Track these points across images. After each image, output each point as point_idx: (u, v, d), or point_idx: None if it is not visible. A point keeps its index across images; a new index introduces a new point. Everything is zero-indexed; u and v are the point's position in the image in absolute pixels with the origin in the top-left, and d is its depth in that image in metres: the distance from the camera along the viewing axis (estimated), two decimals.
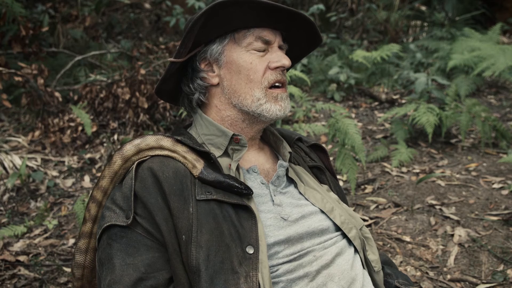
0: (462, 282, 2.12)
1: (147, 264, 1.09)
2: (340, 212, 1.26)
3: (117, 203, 1.15)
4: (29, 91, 3.81)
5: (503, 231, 2.42)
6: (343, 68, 4.62)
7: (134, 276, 1.08)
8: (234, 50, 1.25)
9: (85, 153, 3.58)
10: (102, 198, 1.21)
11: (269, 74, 1.24)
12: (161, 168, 1.15)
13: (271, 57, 1.25)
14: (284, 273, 1.12)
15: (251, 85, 1.23)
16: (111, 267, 1.10)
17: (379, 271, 1.28)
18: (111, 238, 1.12)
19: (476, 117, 3.39)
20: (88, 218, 1.22)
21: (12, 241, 2.62)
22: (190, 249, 1.08)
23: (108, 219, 1.13)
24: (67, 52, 4.80)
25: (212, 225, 1.11)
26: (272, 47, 1.26)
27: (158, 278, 1.09)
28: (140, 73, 3.79)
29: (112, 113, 3.84)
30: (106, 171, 1.20)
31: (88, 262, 1.24)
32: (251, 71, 1.23)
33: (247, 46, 1.24)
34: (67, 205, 2.99)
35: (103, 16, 6.50)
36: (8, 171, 3.23)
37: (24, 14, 4.03)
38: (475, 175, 3.03)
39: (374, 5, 6.14)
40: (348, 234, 1.24)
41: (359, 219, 1.30)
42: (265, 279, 1.08)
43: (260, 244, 1.11)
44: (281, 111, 1.24)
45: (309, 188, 1.29)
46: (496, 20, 5.93)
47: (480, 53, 4.31)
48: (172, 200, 1.11)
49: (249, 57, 1.23)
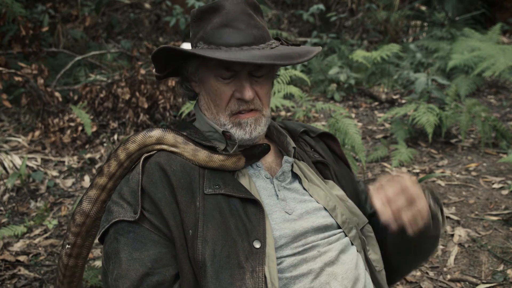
0: (462, 282, 2.12)
1: (154, 259, 1.09)
2: (342, 211, 1.25)
3: (124, 198, 1.14)
4: (29, 91, 3.81)
5: (503, 231, 2.42)
6: (343, 68, 4.62)
7: (141, 271, 1.08)
8: (205, 71, 1.22)
9: (85, 153, 3.58)
10: (125, 160, 1.20)
11: (233, 104, 1.20)
12: (169, 162, 1.15)
13: (236, 87, 1.18)
14: (288, 267, 1.12)
15: (217, 109, 1.22)
16: (118, 261, 1.10)
17: (380, 270, 1.27)
18: (118, 233, 1.12)
19: (476, 117, 3.39)
20: (106, 173, 1.20)
21: (12, 241, 2.62)
22: (196, 244, 1.08)
23: (116, 215, 1.13)
24: (67, 52, 4.80)
25: (218, 219, 1.10)
26: (240, 74, 1.17)
27: (164, 274, 1.09)
28: (140, 73, 3.79)
29: (112, 113, 3.84)
30: (140, 137, 1.19)
31: (93, 213, 1.23)
32: (217, 97, 1.21)
33: (214, 71, 1.19)
34: (67, 205, 2.99)
35: (103, 16, 6.50)
36: (8, 171, 3.23)
37: (24, 14, 4.03)
38: (475, 175, 3.03)
39: (374, 5, 6.14)
40: (348, 234, 1.23)
41: (362, 217, 1.29)
42: (273, 273, 1.08)
43: (267, 237, 1.10)
44: (247, 135, 1.21)
45: (312, 184, 1.28)
46: (496, 20, 5.93)
47: (480, 53, 4.30)
48: (179, 194, 1.11)
49: (215, 83, 1.20)
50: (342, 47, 5.28)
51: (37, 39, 4.44)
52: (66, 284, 1.32)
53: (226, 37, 1.15)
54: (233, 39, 1.14)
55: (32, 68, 3.72)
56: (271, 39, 1.22)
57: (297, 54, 1.14)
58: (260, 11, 1.24)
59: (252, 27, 1.16)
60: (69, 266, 1.28)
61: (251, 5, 1.20)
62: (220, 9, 1.18)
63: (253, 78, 1.19)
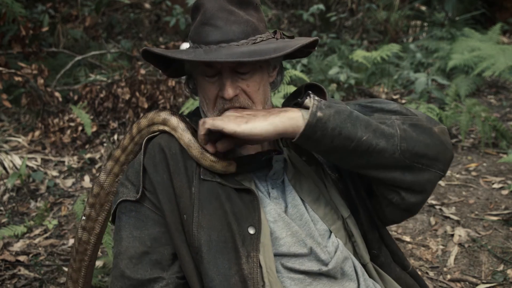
0: (462, 282, 2.12)
1: (153, 238, 1.12)
2: (325, 203, 1.23)
3: (129, 179, 1.18)
4: (29, 91, 3.81)
5: (503, 231, 2.42)
6: (343, 68, 4.61)
7: (140, 249, 1.12)
8: (195, 70, 1.22)
9: (85, 153, 3.58)
10: (136, 134, 1.23)
11: (219, 102, 1.18)
12: (169, 144, 1.17)
13: (220, 85, 1.16)
14: None
15: (208, 108, 1.21)
16: (119, 239, 1.15)
17: (366, 263, 1.25)
18: (121, 212, 1.17)
19: (476, 117, 3.39)
20: (121, 145, 1.26)
21: (12, 241, 2.62)
22: (192, 229, 1.10)
23: (121, 195, 1.17)
24: (67, 52, 4.80)
25: (214, 205, 1.12)
26: (223, 72, 1.15)
27: (163, 252, 1.12)
28: (140, 73, 3.79)
29: (112, 113, 3.84)
30: (151, 114, 1.22)
31: (107, 185, 1.27)
32: (206, 97, 1.20)
33: (200, 70, 1.19)
34: (67, 205, 2.99)
35: (103, 16, 6.49)
36: (8, 171, 3.22)
37: (24, 14, 4.02)
38: (475, 175, 3.03)
39: (374, 5, 6.14)
40: (330, 227, 1.21)
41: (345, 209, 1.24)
42: (269, 262, 1.10)
43: (262, 227, 1.11)
44: None
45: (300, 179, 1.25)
46: (496, 20, 5.92)
47: (480, 53, 4.30)
48: (175, 178, 1.13)
49: (203, 82, 1.19)
50: (342, 47, 5.28)
51: (37, 39, 4.44)
52: (78, 261, 1.34)
53: (205, 36, 1.14)
54: (211, 37, 1.13)
55: (32, 68, 3.72)
56: (262, 33, 1.18)
57: (273, 49, 1.10)
58: (250, 4, 1.20)
59: (231, 24, 1.14)
60: (82, 241, 1.31)
61: (233, 0, 1.17)
62: (200, 7, 1.18)
63: (238, 75, 1.16)
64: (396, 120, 1.13)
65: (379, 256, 1.28)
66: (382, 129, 1.09)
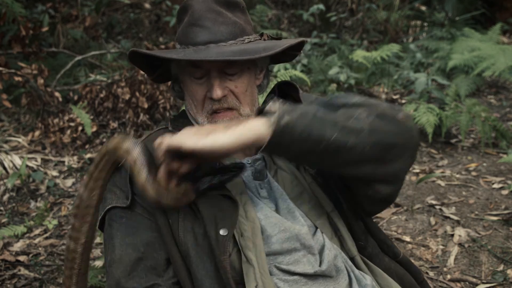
0: (462, 282, 2.12)
1: (146, 243, 1.11)
2: (309, 199, 1.23)
3: (117, 185, 1.16)
4: (29, 91, 3.81)
5: (503, 231, 2.42)
6: (343, 68, 4.61)
7: (134, 255, 1.10)
8: (182, 72, 1.22)
9: (85, 153, 3.58)
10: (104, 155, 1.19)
11: (207, 103, 1.18)
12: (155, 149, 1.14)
13: (208, 86, 1.16)
14: None
15: (196, 109, 1.21)
16: (111, 247, 1.13)
17: (354, 256, 1.23)
18: (111, 219, 1.15)
19: (476, 117, 3.39)
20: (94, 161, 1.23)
21: (12, 241, 2.62)
22: (178, 234, 1.10)
23: (109, 201, 1.15)
24: (67, 52, 4.80)
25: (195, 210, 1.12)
26: (211, 73, 1.15)
27: (157, 258, 1.11)
28: (140, 73, 3.79)
29: (112, 113, 3.84)
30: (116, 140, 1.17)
31: (84, 198, 1.22)
32: (193, 98, 1.20)
33: (187, 71, 1.18)
34: (67, 205, 2.99)
35: (103, 16, 6.49)
36: (8, 171, 3.22)
37: (24, 14, 4.02)
38: (475, 175, 3.03)
39: (374, 5, 6.14)
40: (315, 222, 1.21)
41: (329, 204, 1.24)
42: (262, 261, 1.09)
43: (254, 227, 1.11)
44: None
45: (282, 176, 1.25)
46: (496, 20, 5.92)
47: (480, 53, 4.30)
48: None
49: (190, 84, 1.19)
50: (342, 47, 5.28)
51: (37, 39, 4.43)
52: (68, 269, 1.33)
53: (193, 36, 1.15)
54: (199, 38, 1.14)
55: (32, 68, 3.72)
56: (249, 34, 1.18)
57: (262, 48, 1.11)
58: (237, 7, 1.21)
59: (219, 24, 1.14)
60: (70, 249, 1.30)
61: (220, 2, 1.18)
62: (188, 8, 1.18)
63: (226, 76, 1.16)
64: (362, 113, 1.07)
65: (366, 247, 1.26)
66: (349, 125, 1.03)
